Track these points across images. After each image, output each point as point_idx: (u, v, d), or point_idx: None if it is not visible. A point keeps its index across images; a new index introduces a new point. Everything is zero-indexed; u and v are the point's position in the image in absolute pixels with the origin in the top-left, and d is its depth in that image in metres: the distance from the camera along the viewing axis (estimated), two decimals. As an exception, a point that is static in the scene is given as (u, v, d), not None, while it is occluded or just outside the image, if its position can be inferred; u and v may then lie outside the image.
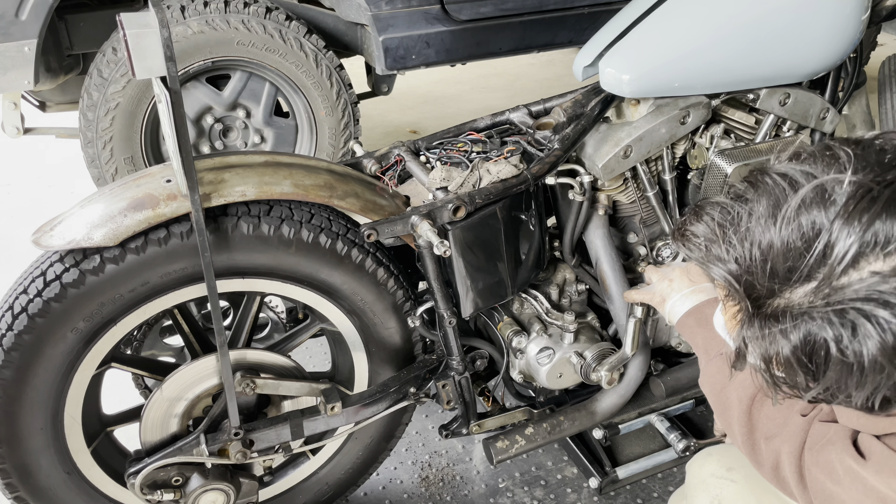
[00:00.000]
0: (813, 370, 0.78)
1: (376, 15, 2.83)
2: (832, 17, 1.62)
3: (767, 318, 0.79)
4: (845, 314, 0.73)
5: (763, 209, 0.79)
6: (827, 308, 0.74)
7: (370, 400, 1.65)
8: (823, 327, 0.75)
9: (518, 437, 1.79)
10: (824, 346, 0.75)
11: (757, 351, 0.81)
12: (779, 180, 0.80)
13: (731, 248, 0.81)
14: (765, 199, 0.80)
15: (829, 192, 0.76)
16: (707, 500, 1.35)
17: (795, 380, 0.80)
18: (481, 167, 1.58)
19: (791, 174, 0.80)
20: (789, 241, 0.76)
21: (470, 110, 4.74)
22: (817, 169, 0.79)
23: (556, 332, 1.74)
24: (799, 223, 0.76)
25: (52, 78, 2.88)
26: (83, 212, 1.40)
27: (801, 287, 0.77)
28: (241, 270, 1.50)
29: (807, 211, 0.76)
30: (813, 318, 0.75)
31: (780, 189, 0.79)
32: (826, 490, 0.98)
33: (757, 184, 0.82)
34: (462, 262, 1.55)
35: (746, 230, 0.80)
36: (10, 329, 1.39)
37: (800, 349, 0.77)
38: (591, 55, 1.68)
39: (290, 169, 1.51)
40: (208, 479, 1.56)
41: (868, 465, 0.91)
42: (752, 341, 0.82)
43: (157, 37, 1.15)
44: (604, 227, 1.73)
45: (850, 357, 0.74)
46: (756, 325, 0.81)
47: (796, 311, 0.77)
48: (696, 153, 1.77)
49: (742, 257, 0.80)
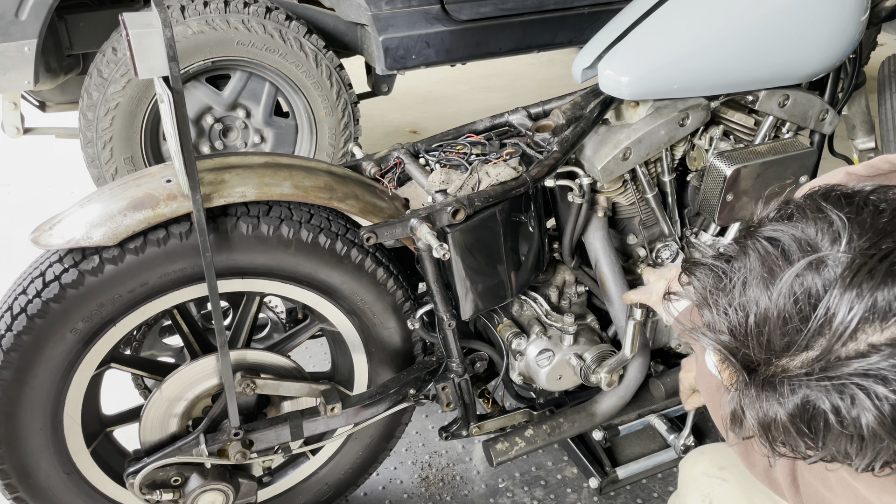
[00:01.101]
0: (812, 437, 0.76)
1: (376, 15, 2.83)
2: (831, 19, 1.62)
3: (763, 386, 0.78)
4: (843, 388, 0.72)
5: (756, 279, 0.77)
6: (825, 381, 0.73)
7: (370, 401, 1.65)
8: (821, 398, 0.73)
9: (518, 438, 1.79)
10: (822, 416, 0.74)
11: (754, 417, 0.79)
12: (770, 248, 0.78)
13: (724, 317, 0.79)
14: (758, 268, 0.78)
15: (824, 262, 0.74)
16: (699, 499, 1.35)
17: (795, 445, 0.79)
18: (480, 170, 1.58)
19: (783, 241, 0.77)
20: (786, 313, 0.74)
21: (470, 110, 4.74)
22: (809, 232, 0.76)
23: (555, 333, 1.74)
24: (795, 295, 0.74)
25: (52, 78, 2.88)
26: (82, 211, 1.40)
27: (799, 356, 0.75)
28: (240, 270, 1.50)
29: (803, 282, 0.74)
30: (810, 388, 0.74)
31: (772, 259, 0.77)
32: (818, 494, 0.98)
33: (746, 249, 0.80)
34: (461, 265, 1.55)
35: (740, 300, 0.78)
36: (10, 330, 1.39)
37: (798, 417, 0.75)
38: (589, 57, 1.68)
39: (290, 170, 1.51)
40: (207, 480, 1.56)
41: (860, 478, 0.90)
42: (748, 408, 0.80)
43: (159, 37, 1.15)
44: (603, 228, 1.73)
45: (849, 428, 0.73)
46: (752, 392, 0.79)
47: (794, 380, 0.75)
48: (695, 155, 1.77)
49: (737, 328, 0.78)
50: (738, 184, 1.68)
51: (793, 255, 0.76)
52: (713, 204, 1.71)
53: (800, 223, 0.78)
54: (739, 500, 1.30)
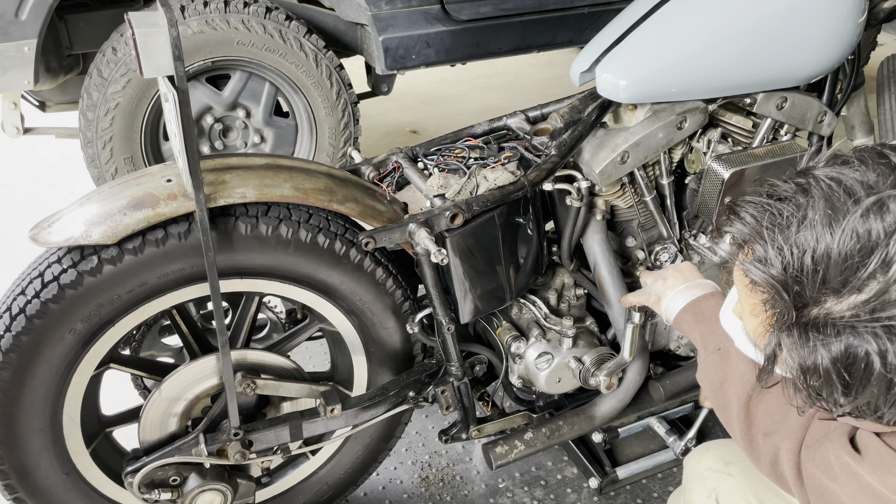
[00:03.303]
0: (850, 383, 0.77)
1: (376, 15, 2.83)
2: (828, 21, 1.62)
3: (808, 327, 0.78)
4: (893, 330, 0.73)
5: (818, 217, 0.77)
6: (875, 323, 0.73)
7: (369, 403, 1.65)
8: (868, 340, 0.74)
9: (517, 441, 1.80)
10: (865, 360, 0.74)
11: (794, 360, 0.80)
12: (835, 187, 0.78)
13: (779, 253, 0.79)
14: (821, 206, 0.77)
15: (887, 205, 0.74)
16: (704, 494, 1.36)
17: (829, 392, 0.79)
18: (478, 174, 1.58)
19: (847, 182, 0.78)
20: (847, 252, 0.75)
21: (470, 110, 4.74)
22: (870, 176, 0.77)
23: (554, 337, 1.74)
24: (857, 235, 0.74)
25: (52, 78, 2.88)
26: (82, 209, 1.40)
27: (847, 298, 0.75)
28: (239, 270, 1.50)
29: (865, 222, 0.74)
30: (857, 331, 0.74)
31: (836, 197, 0.77)
32: (822, 486, 0.99)
33: (809, 188, 0.80)
34: (460, 269, 1.55)
35: (797, 236, 0.78)
36: (8, 330, 1.39)
37: (839, 361, 0.76)
38: (587, 61, 1.68)
39: (290, 172, 1.51)
40: (206, 480, 1.56)
41: (864, 462, 0.91)
42: (790, 349, 0.80)
43: (165, 36, 1.16)
44: (602, 231, 1.73)
45: (893, 372, 0.73)
46: (795, 333, 0.79)
47: (840, 322, 0.75)
48: (693, 157, 1.77)
49: (791, 264, 0.78)
50: (737, 186, 1.67)
51: (857, 194, 0.77)
52: (711, 206, 1.71)
53: (859, 168, 0.79)
54: (745, 494, 1.31)
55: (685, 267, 1.50)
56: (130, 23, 1.18)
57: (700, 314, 1.38)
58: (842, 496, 0.94)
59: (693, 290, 1.43)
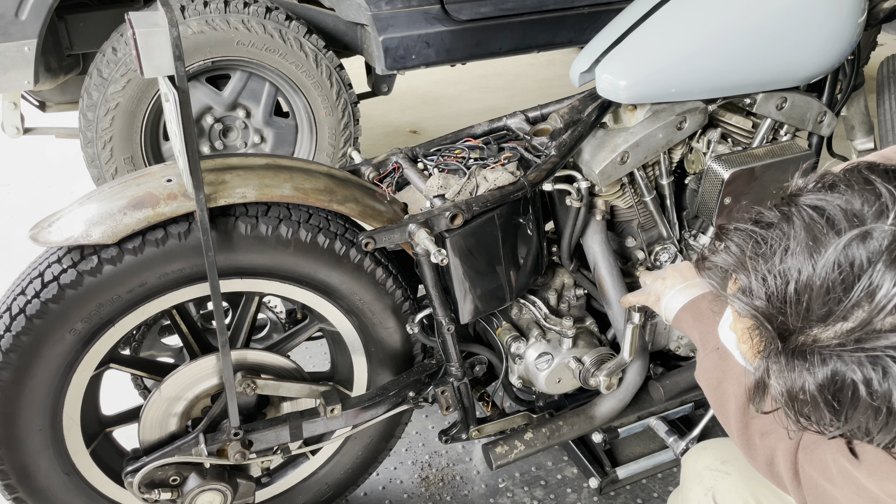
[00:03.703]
0: (838, 409, 0.77)
1: (376, 15, 2.83)
2: (828, 22, 1.62)
3: (794, 355, 0.78)
4: (877, 360, 0.72)
5: (800, 247, 0.77)
6: (860, 352, 0.73)
7: (369, 403, 1.65)
8: (853, 369, 0.74)
9: (517, 441, 1.80)
10: (852, 387, 0.74)
11: (781, 385, 0.80)
12: (815, 216, 0.77)
13: (763, 283, 0.79)
14: (802, 236, 0.77)
15: (870, 235, 0.74)
16: (702, 492, 1.36)
17: (819, 417, 0.79)
18: (478, 174, 1.58)
19: (829, 211, 0.77)
20: (829, 282, 0.74)
21: (470, 110, 4.74)
22: (855, 203, 0.76)
23: (554, 337, 1.74)
24: (840, 265, 0.74)
25: (52, 78, 2.88)
26: (82, 209, 1.40)
27: (833, 327, 0.75)
28: (239, 270, 1.50)
29: (848, 253, 0.74)
30: (842, 359, 0.74)
31: (818, 227, 0.76)
32: (819, 487, 0.99)
33: (790, 216, 0.79)
34: (460, 270, 1.55)
35: (781, 266, 0.78)
36: (8, 330, 1.39)
37: (826, 388, 0.76)
38: (587, 61, 1.68)
39: (290, 172, 1.51)
40: (206, 479, 1.56)
41: (862, 467, 0.91)
42: (776, 376, 0.80)
43: (166, 36, 1.16)
44: (601, 232, 1.73)
45: (878, 400, 0.73)
46: (782, 360, 0.79)
47: (825, 350, 0.75)
48: (693, 158, 1.77)
49: (775, 294, 0.78)
50: (736, 187, 1.67)
51: (839, 224, 0.76)
52: (711, 207, 1.71)
53: (845, 194, 0.78)
54: (742, 493, 1.31)
55: (684, 266, 1.50)
56: (131, 22, 1.18)
57: (699, 313, 1.38)
58: (839, 498, 0.94)
59: (692, 289, 1.43)
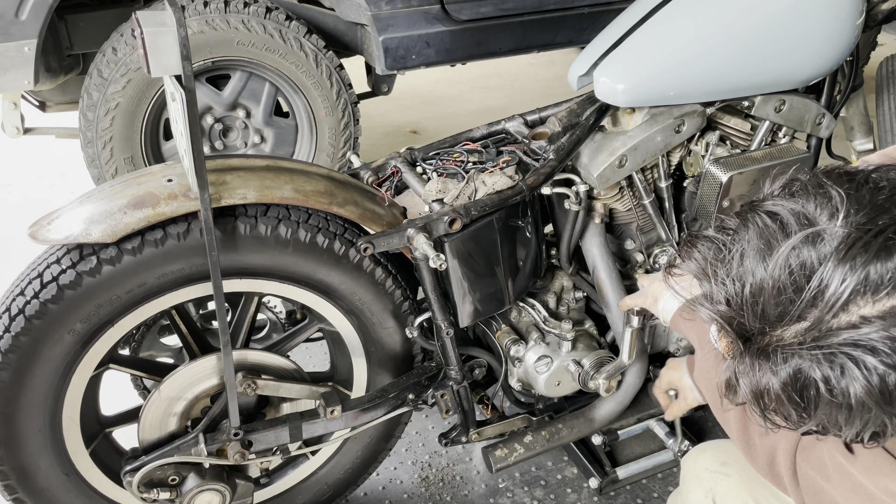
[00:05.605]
0: (804, 406, 0.78)
1: (376, 15, 2.83)
2: (826, 24, 1.62)
3: (757, 355, 0.80)
4: (834, 357, 0.74)
5: (753, 250, 0.79)
6: (816, 350, 0.75)
7: (369, 405, 1.65)
8: (812, 367, 0.75)
9: (517, 444, 1.80)
10: (813, 385, 0.76)
11: (747, 385, 0.82)
12: (769, 222, 0.80)
13: (722, 287, 0.81)
14: (755, 240, 0.80)
15: (820, 236, 0.76)
16: (701, 494, 1.36)
17: (787, 414, 0.81)
18: (477, 178, 1.58)
19: (782, 215, 0.79)
20: (780, 284, 0.76)
21: (470, 110, 4.74)
22: (809, 207, 0.78)
23: (553, 340, 1.74)
24: (790, 267, 0.76)
25: (52, 78, 2.88)
26: (82, 208, 1.40)
27: (792, 327, 0.77)
28: (239, 270, 1.50)
29: (798, 254, 0.76)
30: (802, 358, 0.76)
31: (770, 231, 0.79)
32: (816, 486, 0.99)
33: (747, 222, 0.82)
34: (459, 274, 1.55)
35: (737, 270, 0.80)
36: (8, 331, 1.39)
37: (790, 386, 0.78)
38: (585, 64, 1.68)
39: (291, 174, 1.51)
40: (205, 480, 1.56)
41: (857, 462, 0.92)
42: (742, 376, 0.82)
43: (173, 35, 1.16)
44: (600, 235, 1.73)
45: (839, 397, 0.75)
46: (747, 361, 0.81)
47: (786, 350, 0.77)
48: (691, 160, 1.77)
49: (733, 298, 0.80)
50: (735, 190, 1.67)
51: (790, 228, 0.78)
52: (710, 209, 1.71)
53: (800, 199, 0.80)
54: (742, 494, 1.31)
55: None
56: (139, 21, 1.18)
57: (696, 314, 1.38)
58: (835, 496, 0.95)
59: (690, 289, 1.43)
